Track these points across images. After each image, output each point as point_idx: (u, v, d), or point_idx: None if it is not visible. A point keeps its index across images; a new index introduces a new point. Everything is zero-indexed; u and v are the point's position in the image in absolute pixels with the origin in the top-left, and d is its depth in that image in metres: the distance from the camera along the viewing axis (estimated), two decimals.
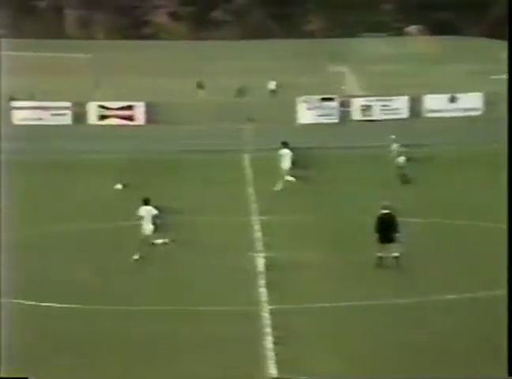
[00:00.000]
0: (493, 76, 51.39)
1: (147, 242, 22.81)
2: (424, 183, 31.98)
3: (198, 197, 30.46)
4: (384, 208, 21.65)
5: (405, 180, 32.16)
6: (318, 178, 33.03)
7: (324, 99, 48.87)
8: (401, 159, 32.75)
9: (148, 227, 22.88)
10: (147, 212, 22.92)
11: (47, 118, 47.95)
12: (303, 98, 48.52)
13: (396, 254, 21.37)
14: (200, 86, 53.96)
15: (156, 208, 22.93)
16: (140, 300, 19.52)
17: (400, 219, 21.64)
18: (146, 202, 23.07)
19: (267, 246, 23.46)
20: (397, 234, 21.29)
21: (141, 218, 22.83)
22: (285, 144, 32.19)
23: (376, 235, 21.34)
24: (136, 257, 22.77)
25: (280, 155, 31.70)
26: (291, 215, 27.23)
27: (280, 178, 31.30)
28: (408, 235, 21.96)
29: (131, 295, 19.85)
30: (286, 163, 31.53)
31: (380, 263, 21.38)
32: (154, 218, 22.84)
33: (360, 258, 22.18)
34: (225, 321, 18.13)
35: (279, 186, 31.13)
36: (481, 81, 52.71)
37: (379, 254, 21.44)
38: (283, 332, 17.15)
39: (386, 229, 21.24)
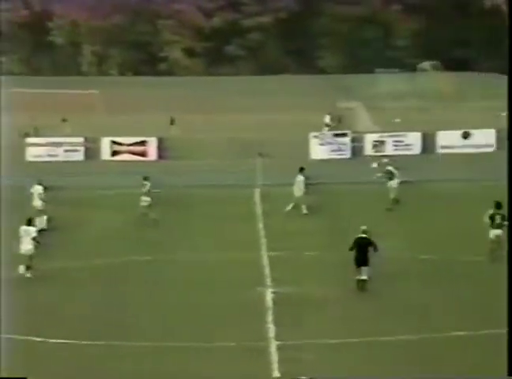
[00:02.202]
0: (503, 113, 51.38)
1: (30, 261, 23.73)
2: (432, 219, 31.93)
3: (208, 233, 30.49)
4: (362, 232, 22.62)
5: (394, 202, 32.76)
6: (328, 214, 33.03)
7: (337, 135, 49.03)
8: (393, 182, 33.16)
9: (26, 247, 23.87)
10: (25, 232, 24.03)
11: (60, 154, 48.30)
12: (315, 134, 48.69)
13: (364, 277, 22.31)
14: (172, 122, 54.42)
15: None
16: (149, 336, 19.50)
17: (408, 255, 21.67)
18: (29, 222, 24.25)
19: (276, 282, 23.43)
20: (377, 253, 22.33)
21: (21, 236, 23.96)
22: (301, 170, 33.52)
23: (353, 259, 22.39)
24: (21, 270, 23.73)
25: (295, 181, 33.02)
26: (300, 251, 27.20)
27: (292, 200, 32.38)
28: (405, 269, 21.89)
29: (139, 331, 19.83)
30: (299, 189, 32.70)
31: (359, 286, 22.31)
32: (33, 238, 23.96)
33: (371, 294, 22.12)
34: (234, 357, 18.07)
35: (289, 208, 32.19)
36: (494, 118, 52.72)
37: (358, 277, 22.36)
38: (290, 368, 17.07)
39: (362, 253, 22.26)
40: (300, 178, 33.28)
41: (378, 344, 18.73)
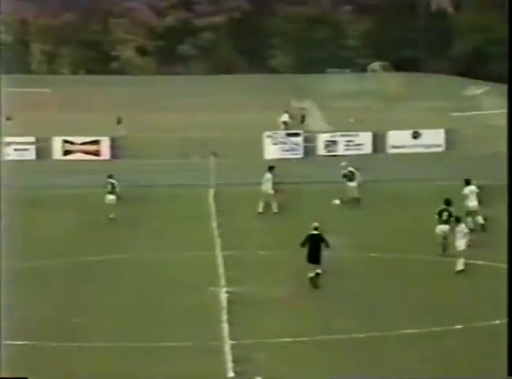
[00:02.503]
0: (453, 114, 52.28)
1: None
2: (386, 217, 32.40)
3: (162, 233, 30.53)
4: (314, 228, 23.07)
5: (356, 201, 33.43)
6: (282, 213, 33.29)
7: (289, 135, 49.36)
8: (353, 183, 33.92)
9: None
10: None
11: (11, 154, 47.76)
12: (268, 133, 48.94)
13: (316, 272, 22.72)
14: (119, 122, 54.22)
15: None
16: (103, 336, 19.52)
17: (361, 254, 22.02)
18: None
19: (230, 281, 23.60)
20: (326, 251, 22.79)
21: None
22: (270, 169, 33.95)
23: (306, 256, 22.76)
24: None
25: (264, 179, 33.36)
26: (254, 250, 27.41)
27: (261, 199, 32.85)
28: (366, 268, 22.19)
29: (94, 331, 19.84)
30: (267, 187, 33.08)
31: (312, 282, 22.64)
32: None
33: (323, 293, 22.42)
34: (188, 356, 18.19)
35: (260, 208, 32.59)
36: (442, 118, 53.57)
37: (309, 275, 22.68)
38: (244, 367, 17.26)
39: (314, 249, 22.68)
40: (268, 176, 33.60)
41: (331, 342, 19.01)
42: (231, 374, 16.97)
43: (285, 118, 55.28)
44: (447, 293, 22.61)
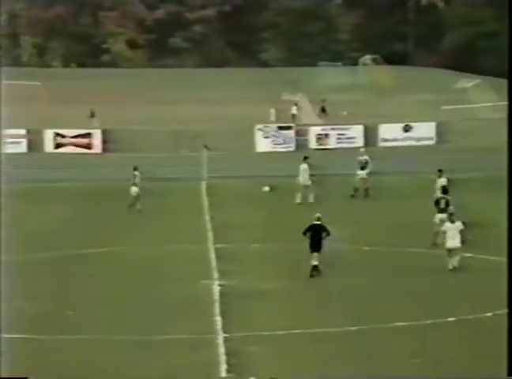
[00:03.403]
0: (444, 107, 52.37)
1: None
2: (375, 210, 32.50)
3: (155, 226, 30.56)
4: (317, 219, 23.40)
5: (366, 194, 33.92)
6: (275, 206, 33.36)
7: (281, 128, 49.41)
8: (364, 172, 34.55)
9: None
10: None
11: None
12: (259, 126, 48.97)
13: (315, 263, 23.06)
14: (92, 115, 54.10)
15: None
16: (95, 329, 19.55)
17: (352, 247, 22.08)
18: None
19: (222, 274, 23.66)
20: (326, 240, 23.16)
21: None
22: (305, 159, 34.43)
23: (308, 245, 23.19)
24: None
25: (300, 170, 33.73)
26: (246, 243, 27.46)
27: (298, 190, 32.96)
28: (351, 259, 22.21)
29: (86, 324, 19.87)
30: (304, 178, 33.29)
31: (312, 271, 23.01)
32: None
33: (316, 286, 22.50)
34: (180, 349, 18.24)
35: (298, 199, 32.61)
36: (433, 111, 53.68)
37: (312, 263, 23.02)
38: (237, 360, 17.32)
39: (316, 239, 23.06)
40: (304, 166, 33.67)
41: (324, 335, 19.08)
42: (224, 367, 17.01)
43: (294, 110, 55.31)
44: (439, 286, 22.70)
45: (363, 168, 34.69)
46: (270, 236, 28.60)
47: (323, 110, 56.70)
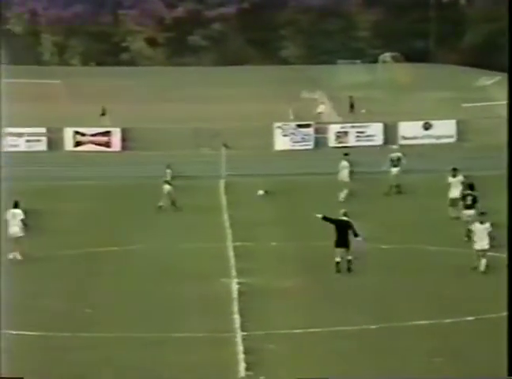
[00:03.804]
0: (465, 104, 52.07)
1: (19, 243, 24.92)
2: (393, 208, 32.39)
3: (174, 224, 30.59)
4: (343, 214, 23.54)
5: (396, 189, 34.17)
6: (293, 204, 33.30)
7: (299, 126, 49.28)
8: (396, 169, 34.58)
9: (14, 229, 25.12)
10: (13, 215, 25.26)
11: (22, 145, 47.88)
12: (278, 124, 48.88)
13: (349, 258, 23.16)
14: (103, 113, 54.12)
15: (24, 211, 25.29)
16: (115, 327, 19.59)
17: (371, 245, 22.01)
18: (15, 205, 25.38)
19: (241, 272, 23.65)
20: (357, 238, 23.20)
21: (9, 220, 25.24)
22: (346, 155, 34.39)
23: (334, 241, 23.25)
24: (10, 256, 24.72)
25: (340, 167, 33.78)
26: (265, 241, 27.43)
27: (342, 188, 33.17)
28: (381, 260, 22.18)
29: (101, 322, 19.92)
30: (343, 175, 33.50)
31: (338, 267, 23.08)
32: (21, 221, 25.15)
33: (334, 285, 22.44)
34: (198, 348, 18.24)
35: (342, 196, 32.68)
36: (453, 109, 53.40)
37: (337, 259, 23.06)
38: (255, 358, 17.30)
39: (342, 234, 23.08)
40: (344, 163, 33.86)
41: (343, 334, 19.03)
42: (243, 365, 17.01)
43: (321, 109, 55.21)
44: (460, 284, 22.57)
45: (395, 166, 34.86)
46: (289, 234, 28.55)
47: (352, 106, 56.71)
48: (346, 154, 34.76)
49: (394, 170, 34.85)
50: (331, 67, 74.79)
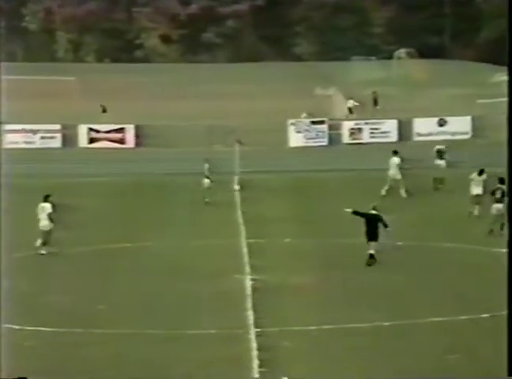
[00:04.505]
0: (480, 101, 51.76)
1: (47, 236, 25.16)
2: (412, 205, 32.21)
3: (188, 220, 30.58)
4: (373, 208, 23.71)
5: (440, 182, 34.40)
6: (307, 201, 33.21)
7: (314, 122, 49.14)
8: (442, 162, 34.87)
9: (44, 223, 25.28)
10: (42, 208, 25.47)
11: (37, 141, 48.01)
12: (292, 121, 48.77)
13: (372, 252, 23.35)
14: (104, 111, 54.06)
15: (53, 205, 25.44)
16: (125, 324, 19.57)
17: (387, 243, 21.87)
18: (45, 199, 25.57)
19: (254, 269, 23.58)
20: (387, 229, 23.54)
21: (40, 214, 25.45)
22: (396, 153, 34.39)
23: (364, 233, 23.52)
24: (38, 244, 25.11)
25: (390, 164, 33.86)
26: (279, 238, 27.36)
27: (388, 183, 33.34)
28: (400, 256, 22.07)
29: (114, 319, 19.90)
30: (394, 172, 33.55)
31: (370, 261, 23.37)
32: (49, 214, 25.30)
33: (348, 282, 22.33)
34: (212, 344, 18.20)
35: (384, 191, 32.82)
36: (468, 105, 53.10)
37: (370, 252, 23.44)
38: (269, 355, 17.23)
39: (372, 227, 23.41)
40: (395, 160, 33.83)
41: (357, 331, 18.93)
42: (256, 362, 16.94)
43: (351, 104, 54.96)
44: (474, 281, 22.42)
45: (441, 158, 35.03)
46: (303, 231, 28.47)
47: (375, 102, 56.58)
48: (395, 152, 34.53)
49: (440, 162, 35.00)
50: (345, 64, 74.56)
